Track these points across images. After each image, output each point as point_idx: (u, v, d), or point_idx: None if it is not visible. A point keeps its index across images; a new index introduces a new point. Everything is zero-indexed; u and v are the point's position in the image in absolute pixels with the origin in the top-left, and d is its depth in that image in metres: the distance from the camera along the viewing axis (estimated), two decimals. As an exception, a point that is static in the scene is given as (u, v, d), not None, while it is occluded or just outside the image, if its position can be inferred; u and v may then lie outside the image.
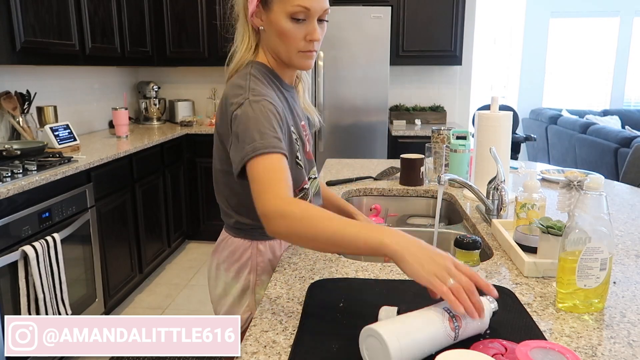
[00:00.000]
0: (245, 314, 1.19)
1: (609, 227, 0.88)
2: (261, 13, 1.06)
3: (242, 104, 1.00)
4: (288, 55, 1.08)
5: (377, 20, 3.52)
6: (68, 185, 2.33)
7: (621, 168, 4.09)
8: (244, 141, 0.97)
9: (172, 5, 3.92)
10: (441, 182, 1.34)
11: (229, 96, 1.05)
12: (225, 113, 1.05)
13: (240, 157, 0.97)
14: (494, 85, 6.91)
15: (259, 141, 0.95)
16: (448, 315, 0.76)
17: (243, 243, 1.18)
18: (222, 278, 1.22)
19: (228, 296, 1.21)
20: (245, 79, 1.06)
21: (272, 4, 1.03)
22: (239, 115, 1.00)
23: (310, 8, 1.02)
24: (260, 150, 0.95)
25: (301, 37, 1.05)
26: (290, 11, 1.02)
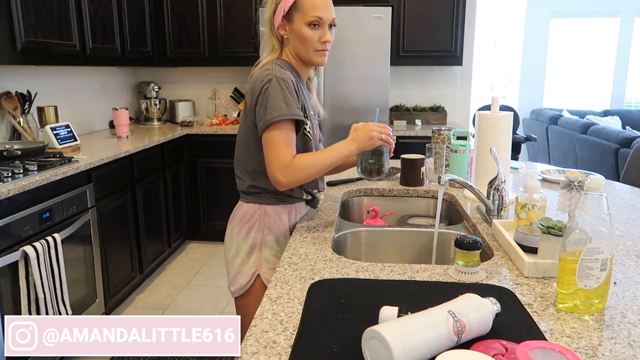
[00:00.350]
0: (252, 269, 1.43)
1: (609, 228, 0.88)
2: (285, 25, 1.37)
3: (270, 80, 1.30)
4: (307, 54, 1.38)
5: (377, 20, 3.52)
6: (68, 185, 2.33)
7: (622, 168, 4.09)
8: (272, 107, 1.28)
9: (173, 5, 3.93)
10: (441, 183, 1.34)
11: (258, 77, 1.33)
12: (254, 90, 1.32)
13: (267, 119, 1.28)
14: (495, 85, 6.91)
15: (285, 109, 1.28)
16: (452, 319, 0.75)
17: (253, 207, 1.42)
18: (235, 240, 1.45)
19: (239, 256, 1.44)
20: (271, 65, 1.35)
21: (294, 17, 1.35)
22: (268, 87, 1.29)
23: (322, 17, 1.34)
24: (286, 116, 1.28)
25: (317, 40, 1.36)
26: (307, 20, 1.34)
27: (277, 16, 1.36)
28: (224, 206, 3.91)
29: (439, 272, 1.09)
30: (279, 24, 1.36)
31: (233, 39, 3.93)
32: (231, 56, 3.95)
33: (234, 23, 3.90)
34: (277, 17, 1.36)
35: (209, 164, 3.86)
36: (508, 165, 1.66)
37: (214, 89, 4.36)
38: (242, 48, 3.90)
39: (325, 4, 1.35)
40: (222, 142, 3.79)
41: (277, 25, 1.37)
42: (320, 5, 1.34)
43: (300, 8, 1.33)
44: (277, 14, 1.36)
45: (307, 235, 1.35)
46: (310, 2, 1.33)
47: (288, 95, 1.29)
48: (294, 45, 1.38)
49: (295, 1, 1.33)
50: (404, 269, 1.11)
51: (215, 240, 3.97)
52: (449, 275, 1.08)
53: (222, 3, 3.89)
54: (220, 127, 3.95)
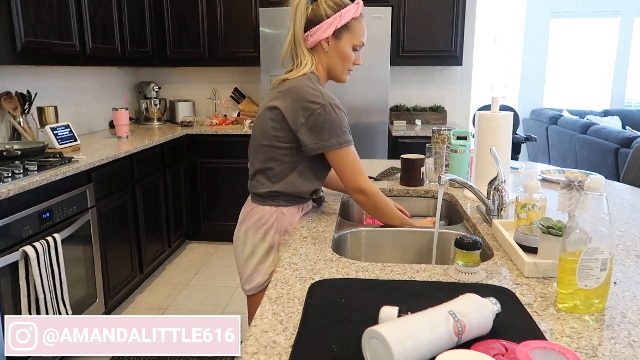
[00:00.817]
0: (270, 268, 1.48)
1: (609, 228, 0.88)
2: (330, 40, 1.44)
3: (324, 105, 1.37)
4: (341, 72, 1.49)
5: (377, 20, 3.52)
6: (68, 185, 2.33)
7: (622, 168, 4.09)
8: (331, 135, 1.38)
9: (173, 5, 3.92)
10: (441, 183, 1.34)
11: (302, 94, 1.38)
12: (301, 107, 1.37)
13: (324, 145, 1.39)
14: (495, 85, 6.91)
15: (343, 137, 1.40)
16: (452, 319, 0.75)
17: (269, 209, 1.47)
18: (250, 241, 1.49)
19: (255, 256, 1.49)
20: (312, 82, 1.41)
21: (343, 36, 1.44)
22: (322, 114, 1.37)
23: (364, 44, 1.49)
24: (345, 144, 1.41)
25: (352, 61, 1.49)
26: (355, 43, 1.47)
27: (321, 29, 1.42)
28: (224, 206, 3.91)
29: (439, 272, 1.09)
30: (326, 37, 1.43)
31: (233, 39, 3.93)
32: (231, 56, 3.95)
33: (234, 23, 3.90)
34: (321, 30, 1.42)
35: (209, 164, 3.86)
36: (508, 165, 1.66)
37: (214, 89, 4.36)
38: (242, 48, 3.91)
39: (366, 32, 1.49)
40: (222, 142, 3.79)
41: (321, 37, 1.42)
42: (365, 32, 1.48)
43: (351, 30, 1.44)
44: (322, 27, 1.42)
45: (307, 235, 1.35)
46: (360, 28, 1.46)
47: (343, 122, 1.41)
48: (332, 61, 1.47)
49: (349, 22, 1.42)
50: (404, 269, 1.11)
51: (216, 240, 3.98)
52: (449, 275, 1.08)
53: (222, 3, 3.88)
54: (220, 127, 3.95)
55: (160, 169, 3.41)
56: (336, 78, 1.52)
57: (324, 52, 1.46)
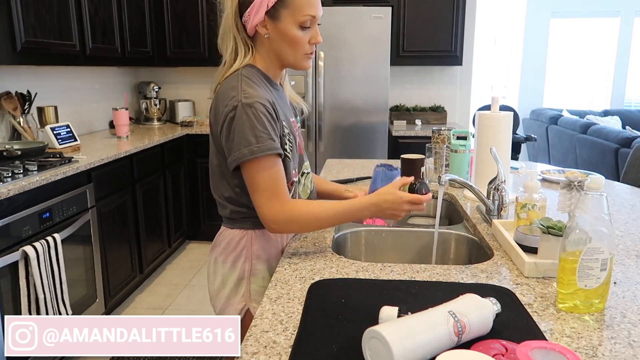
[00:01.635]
0: (240, 304, 1.24)
1: (609, 228, 0.88)
2: (267, 23, 1.15)
3: (235, 107, 1.10)
4: (295, 58, 1.19)
5: (377, 20, 3.52)
6: (68, 185, 2.33)
7: (622, 168, 4.09)
8: (240, 143, 1.09)
9: (173, 5, 3.92)
10: (441, 183, 1.34)
11: (222, 97, 1.15)
12: (218, 113, 1.15)
13: (236, 156, 1.11)
14: (495, 85, 6.91)
15: (255, 145, 1.09)
16: (452, 320, 0.75)
17: (238, 233, 1.24)
18: (220, 271, 1.28)
19: (225, 288, 1.26)
20: (237, 79, 1.15)
21: (280, 14, 1.13)
22: (233, 117, 1.10)
23: (316, 16, 1.16)
24: (258, 153, 1.09)
25: (307, 42, 1.18)
26: (300, 20, 1.14)
27: (252, 12, 1.13)
28: (224, 206, 3.90)
29: (439, 272, 1.09)
30: (259, 20, 1.14)
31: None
32: (231, 56, 3.95)
33: (234, 23, 3.90)
34: (253, 12, 1.13)
35: (208, 164, 3.86)
36: (508, 165, 1.66)
37: (212, 92, 4.35)
38: (242, 48, 3.90)
39: (315, 1, 1.16)
40: (222, 142, 3.78)
41: (254, 22, 1.14)
42: (313, 1, 1.15)
43: (289, 4, 1.12)
44: (253, 9, 1.13)
45: (307, 235, 1.35)
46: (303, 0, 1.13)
47: (257, 125, 1.09)
48: (277, 47, 1.18)
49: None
50: (404, 269, 1.11)
51: (215, 240, 3.97)
52: (453, 271, 1.08)
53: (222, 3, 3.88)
54: (220, 127, 3.94)
55: (160, 169, 3.41)
56: (292, 66, 1.22)
57: (266, 39, 1.17)
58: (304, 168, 1.33)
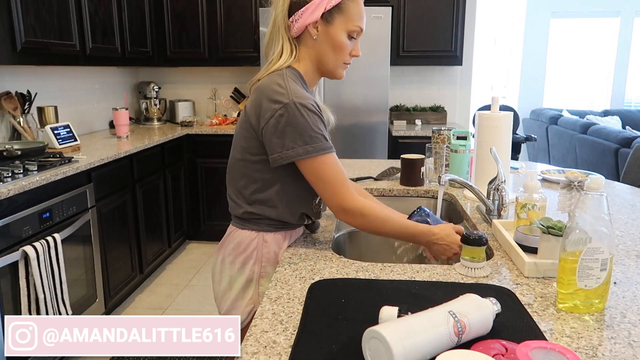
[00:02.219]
0: (248, 306, 1.23)
1: (609, 228, 0.88)
2: (319, 25, 1.18)
3: (286, 104, 1.10)
4: (335, 65, 1.22)
5: (377, 20, 3.52)
6: (68, 185, 2.33)
7: (622, 168, 4.09)
8: (295, 142, 1.10)
9: (173, 5, 3.93)
10: (441, 183, 1.34)
11: (267, 92, 1.13)
12: (263, 109, 1.13)
13: (288, 154, 1.11)
14: (495, 85, 6.91)
15: (311, 145, 1.11)
16: (452, 320, 0.75)
17: (249, 234, 1.23)
18: (227, 272, 1.26)
19: (232, 290, 1.25)
20: (282, 78, 1.15)
21: (335, 19, 1.17)
22: (284, 115, 1.10)
23: (363, 29, 1.21)
24: (313, 153, 1.11)
25: (348, 52, 1.21)
26: (350, 29, 1.18)
27: (308, 11, 1.16)
28: (224, 206, 3.87)
29: (439, 272, 1.09)
30: (313, 20, 1.16)
31: (233, 39, 3.93)
32: (231, 56, 3.95)
33: (234, 23, 3.90)
34: (307, 12, 1.16)
35: (209, 164, 3.86)
36: (508, 165, 1.66)
37: (214, 89, 4.36)
38: (242, 48, 3.91)
39: (364, 15, 1.21)
40: (222, 142, 3.79)
41: (307, 21, 1.16)
42: (364, 15, 1.20)
43: (345, 12, 1.17)
44: (308, 9, 1.15)
45: (307, 235, 1.35)
46: (357, 9, 1.18)
47: (311, 125, 1.11)
48: (321, 50, 1.20)
49: (341, 2, 1.16)
50: (404, 269, 1.11)
51: (216, 241, 3.93)
52: (455, 271, 1.08)
53: (222, 3, 3.88)
54: (220, 127, 3.95)
55: (160, 169, 3.41)
56: (329, 73, 1.24)
57: (312, 41, 1.19)
58: None
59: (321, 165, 1.12)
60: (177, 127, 3.97)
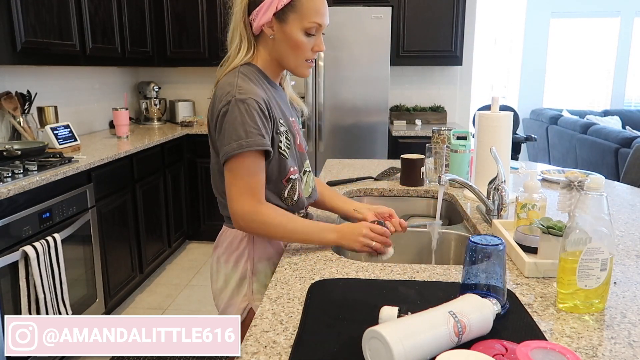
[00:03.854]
0: (243, 303, 1.26)
1: (609, 228, 0.88)
2: (273, 24, 1.16)
3: (229, 102, 1.12)
4: (295, 63, 1.21)
5: (377, 20, 3.52)
6: (68, 185, 2.33)
7: (622, 168, 4.09)
8: (230, 137, 1.11)
9: (173, 5, 3.93)
10: (441, 183, 1.34)
11: (218, 94, 1.16)
12: (214, 109, 1.17)
13: (225, 150, 1.12)
14: (495, 85, 6.91)
15: (245, 139, 1.10)
16: (452, 320, 0.75)
17: (239, 234, 1.25)
18: (222, 270, 1.29)
19: (227, 288, 1.28)
20: (234, 76, 1.17)
21: (288, 18, 1.15)
22: (226, 112, 1.12)
23: (322, 24, 1.18)
24: (246, 148, 1.10)
25: (309, 49, 1.19)
26: (306, 27, 1.16)
27: (261, 10, 1.15)
28: (224, 206, 3.91)
29: (439, 272, 1.09)
30: (266, 21, 1.15)
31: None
32: (231, 56, 3.94)
33: (234, 23, 3.90)
34: (261, 12, 1.15)
35: (209, 164, 3.82)
36: (508, 165, 1.66)
37: (214, 89, 4.35)
38: (242, 48, 3.90)
39: (325, 8, 1.18)
40: (222, 142, 3.78)
41: (261, 21, 1.16)
42: (321, 10, 1.17)
43: (298, 9, 1.14)
44: (262, 8, 1.15)
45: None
46: (311, 5, 1.15)
47: (248, 120, 1.10)
48: (280, 50, 1.19)
49: (294, 1, 1.14)
50: (404, 269, 1.11)
51: (215, 240, 3.97)
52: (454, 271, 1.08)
53: (222, 3, 3.88)
54: (220, 127, 3.94)
55: (160, 169, 3.41)
56: (292, 71, 1.24)
57: (270, 40, 1.18)
58: (305, 166, 1.34)
59: (242, 163, 1.12)
60: (177, 127, 3.97)
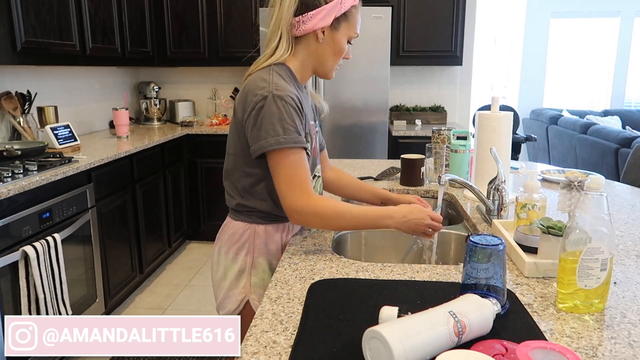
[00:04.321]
0: (240, 295, 1.28)
1: (609, 228, 0.88)
2: (327, 30, 1.22)
3: (266, 97, 1.13)
4: (332, 67, 1.28)
5: (377, 20, 3.52)
6: (68, 185, 2.33)
7: (622, 168, 4.09)
8: (267, 132, 1.12)
9: (173, 5, 3.93)
10: (442, 183, 1.34)
11: (252, 87, 1.17)
12: (247, 102, 1.17)
13: (261, 145, 1.13)
14: (495, 85, 6.91)
15: (283, 136, 1.12)
16: (452, 320, 0.75)
17: (242, 226, 1.28)
18: (222, 261, 1.31)
19: (226, 279, 1.30)
20: (268, 73, 1.18)
21: (340, 26, 1.23)
22: (263, 107, 1.13)
23: (358, 36, 1.28)
24: (284, 145, 1.12)
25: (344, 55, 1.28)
26: (351, 36, 1.26)
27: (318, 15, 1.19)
28: (224, 206, 3.88)
29: (439, 272, 1.09)
30: (324, 25, 1.20)
31: (233, 39, 3.93)
32: (231, 56, 3.95)
33: (234, 23, 3.90)
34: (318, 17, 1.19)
35: (209, 164, 3.86)
36: (508, 165, 1.66)
37: (214, 89, 4.36)
38: (242, 48, 3.90)
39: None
40: (222, 142, 3.74)
41: (317, 25, 1.20)
42: (360, 22, 1.28)
43: (350, 19, 1.24)
44: (319, 13, 1.19)
45: (307, 235, 1.35)
46: (357, 18, 1.26)
47: (286, 117, 1.13)
48: (322, 54, 1.24)
49: (348, 11, 1.22)
50: (404, 269, 1.11)
51: (215, 240, 3.97)
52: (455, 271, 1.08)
53: (222, 3, 3.89)
54: (220, 127, 3.95)
55: (160, 169, 3.41)
56: (323, 74, 1.30)
57: (315, 43, 1.23)
58: (316, 171, 1.37)
59: (282, 159, 1.14)
60: (177, 127, 3.97)
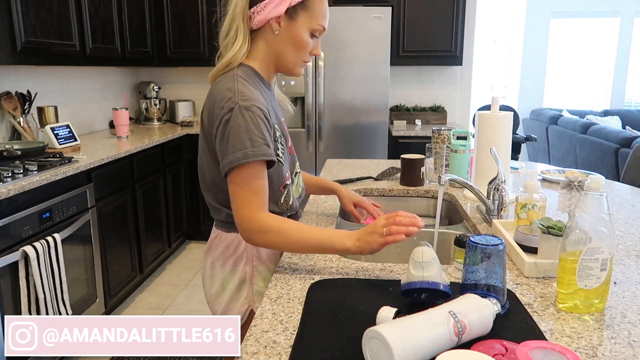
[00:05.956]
0: (244, 306, 1.23)
1: (609, 228, 0.88)
2: (282, 20, 1.13)
3: (232, 109, 1.06)
4: (294, 63, 1.19)
5: (377, 20, 3.52)
6: (69, 185, 2.33)
7: (622, 168, 4.09)
8: (234, 146, 1.05)
9: (173, 5, 3.93)
10: (441, 183, 1.34)
11: (218, 98, 1.10)
12: (214, 115, 1.10)
13: (229, 160, 1.06)
14: (495, 85, 6.91)
15: (250, 149, 1.05)
16: (452, 320, 0.75)
17: (236, 236, 1.20)
18: (218, 275, 1.25)
19: (225, 292, 1.25)
20: (233, 80, 1.11)
21: (298, 16, 1.13)
22: (229, 120, 1.06)
23: (325, 28, 1.18)
24: (251, 158, 1.05)
25: (309, 51, 1.18)
26: (313, 28, 1.15)
27: (270, 5, 1.11)
28: (224, 206, 3.91)
29: (439, 272, 1.09)
30: (276, 15, 1.12)
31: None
32: (231, 56, 3.94)
33: (234, 23, 3.90)
34: (270, 6, 1.11)
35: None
36: (508, 165, 1.66)
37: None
38: (242, 48, 3.90)
39: (328, 15, 1.18)
40: (222, 142, 3.78)
41: (270, 15, 1.12)
42: (327, 15, 1.17)
43: (310, 9, 1.13)
44: (271, 2, 1.11)
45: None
46: (321, 8, 1.15)
47: (253, 129, 1.05)
48: (281, 47, 1.16)
49: (307, 0, 1.12)
50: (404, 269, 1.11)
51: (215, 240, 3.97)
52: (448, 274, 1.08)
53: (222, 3, 3.88)
54: (220, 127, 3.95)
55: (160, 169, 3.41)
56: (286, 70, 1.20)
57: (272, 36, 1.14)
58: (296, 168, 1.34)
59: (239, 174, 1.06)
60: (177, 127, 3.97)
